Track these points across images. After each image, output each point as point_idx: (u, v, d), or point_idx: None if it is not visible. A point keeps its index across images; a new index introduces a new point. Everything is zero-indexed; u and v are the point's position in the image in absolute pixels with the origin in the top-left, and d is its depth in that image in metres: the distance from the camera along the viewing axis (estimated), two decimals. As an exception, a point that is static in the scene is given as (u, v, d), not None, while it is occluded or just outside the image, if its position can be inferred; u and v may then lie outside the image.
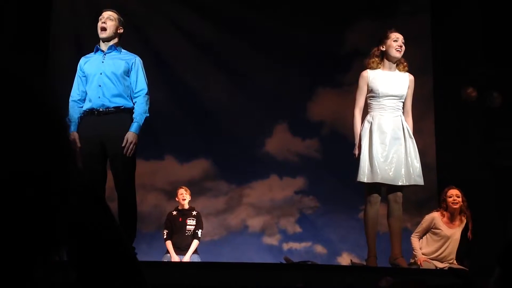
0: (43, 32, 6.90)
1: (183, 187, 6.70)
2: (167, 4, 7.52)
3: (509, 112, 6.33)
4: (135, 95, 4.35)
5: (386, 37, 4.45)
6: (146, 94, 4.36)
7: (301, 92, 7.52)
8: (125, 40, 4.68)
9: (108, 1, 7.12)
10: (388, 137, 4.34)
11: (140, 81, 4.37)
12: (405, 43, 4.60)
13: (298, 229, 7.48)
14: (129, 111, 4.32)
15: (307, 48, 7.38)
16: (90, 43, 4.73)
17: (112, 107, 4.29)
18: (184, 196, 6.57)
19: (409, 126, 4.45)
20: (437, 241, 5.40)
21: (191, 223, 6.50)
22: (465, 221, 5.47)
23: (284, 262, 4.89)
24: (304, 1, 7.43)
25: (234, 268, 4.30)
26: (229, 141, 7.36)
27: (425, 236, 5.46)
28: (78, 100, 4.38)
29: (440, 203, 5.51)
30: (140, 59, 4.47)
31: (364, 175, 4.33)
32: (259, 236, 7.46)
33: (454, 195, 5.38)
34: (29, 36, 6.35)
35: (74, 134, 4.27)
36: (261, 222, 7.48)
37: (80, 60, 4.50)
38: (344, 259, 7.03)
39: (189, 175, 7.46)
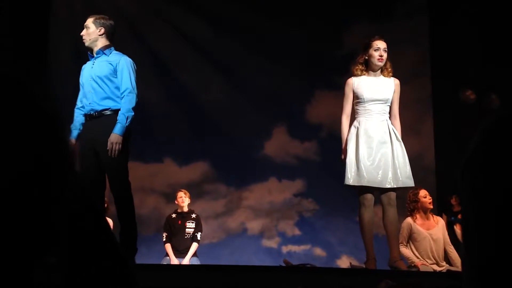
0: (42, 36, 6.90)
1: (183, 190, 6.70)
2: (165, 6, 7.53)
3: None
4: (121, 96, 4.30)
5: (369, 46, 4.46)
6: (130, 92, 4.27)
7: (299, 94, 7.53)
8: (124, 42, 4.67)
9: (106, 4, 7.14)
10: (374, 141, 4.37)
11: (124, 81, 4.29)
12: (403, 45, 4.65)
13: (297, 231, 7.49)
14: (117, 112, 4.27)
15: (305, 50, 7.39)
16: (87, 48, 4.72)
17: (100, 110, 4.29)
18: (184, 199, 6.57)
19: (396, 129, 4.48)
20: (419, 245, 5.36)
21: (190, 226, 6.50)
22: (442, 222, 5.49)
23: (283, 265, 4.88)
24: (302, 4, 7.44)
25: (233, 271, 4.30)
26: (228, 144, 7.37)
27: (408, 246, 5.45)
28: (81, 107, 4.42)
29: (411, 206, 5.47)
30: (127, 58, 4.38)
31: (349, 179, 4.35)
32: (258, 239, 7.46)
33: (427, 194, 5.42)
34: (28, 40, 6.35)
35: (72, 141, 4.31)
36: (260, 224, 7.48)
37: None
38: (343, 262, 7.04)
39: (188, 178, 7.47)
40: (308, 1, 7.47)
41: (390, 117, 4.51)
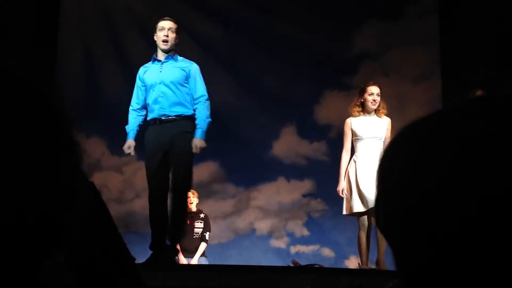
0: (51, 37, 6.93)
1: (191, 190, 6.70)
2: (174, 6, 7.53)
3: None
4: (195, 102, 4.49)
5: (364, 91, 5.07)
6: (207, 100, 4.52)
7: (308, 95, 7.52)
8: (133, 42, 4.69)
9: (115, 4, 7.16)
10: (371, 170, 4.70)
11: (199, 87, 4.50)
12: (413, 45, 4.79)
13: (305, 232, 7.47)
14: (189, 118, 4.47)
15: (314, 50, 7.38)
16: (96, 48, 4.75)
17: (173, 116, 4.42)
18: (192, 199, 6.58)
19: None
20: None
21: (198, 225, 6.51)
22: None
23: (291, 265, 4.89)
24: (312, 4, 7.43)
25: (242, 271, 4.30)
26: (237, 144, 7.37)
27: None
28: (138, 109, 4.56)
29: None
30: (197, 65, 4.61)
31: (355, 207, 4.87)
32: (267, 239, 7.45)
33: None
34: (37, 41, 6.38)
35: (130, 142, 4.44)
36: (269, 225, 7.48)
37: (139, 70, 4.65)
38: (352, 262, 7.01)
39: (196, 178, 7.42)
40: (317, 1, 7.46)
41: None
